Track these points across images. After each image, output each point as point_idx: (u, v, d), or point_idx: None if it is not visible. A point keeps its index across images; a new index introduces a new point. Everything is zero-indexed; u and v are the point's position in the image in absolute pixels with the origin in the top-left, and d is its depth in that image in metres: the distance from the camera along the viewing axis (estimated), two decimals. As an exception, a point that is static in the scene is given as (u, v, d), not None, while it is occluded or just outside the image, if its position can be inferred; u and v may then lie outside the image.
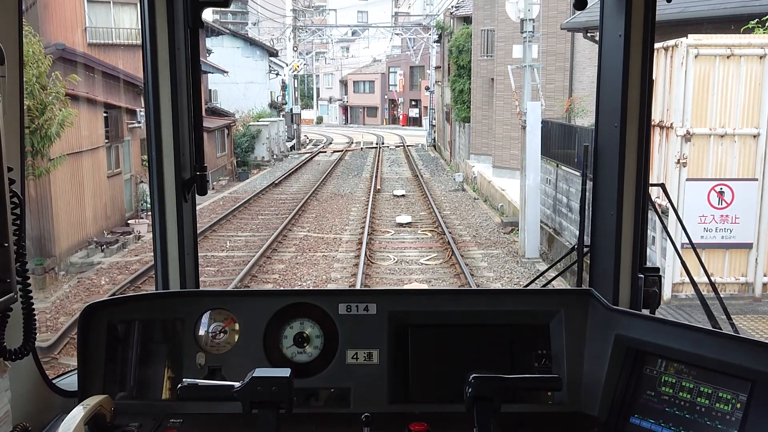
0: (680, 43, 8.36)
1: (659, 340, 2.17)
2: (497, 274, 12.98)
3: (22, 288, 1.79)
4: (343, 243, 15.91)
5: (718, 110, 8.41)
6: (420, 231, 17.25)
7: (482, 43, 26.75)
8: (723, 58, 8.35)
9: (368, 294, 2.49)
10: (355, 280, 12.37)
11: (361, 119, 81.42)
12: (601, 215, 2.58)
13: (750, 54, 8.33)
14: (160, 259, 2.59)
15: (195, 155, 2.60)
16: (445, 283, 12.42)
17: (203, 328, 2.36)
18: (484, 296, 2.59)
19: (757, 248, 8.67)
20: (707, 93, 8.35)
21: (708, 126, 8.45)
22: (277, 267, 13.75)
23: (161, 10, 2.45)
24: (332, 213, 19.95)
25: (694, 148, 8.40)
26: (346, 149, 43.53)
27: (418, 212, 19.95)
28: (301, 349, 2.34)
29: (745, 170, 8.42)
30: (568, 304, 2.39)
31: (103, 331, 2.31)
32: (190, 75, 2.57)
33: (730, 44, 8.38)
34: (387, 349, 2.34)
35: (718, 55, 8.37)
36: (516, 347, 2.35)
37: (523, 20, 13.91)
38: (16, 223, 1.73)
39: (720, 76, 8.31)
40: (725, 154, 8.43)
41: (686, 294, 8.56)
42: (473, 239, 16.21)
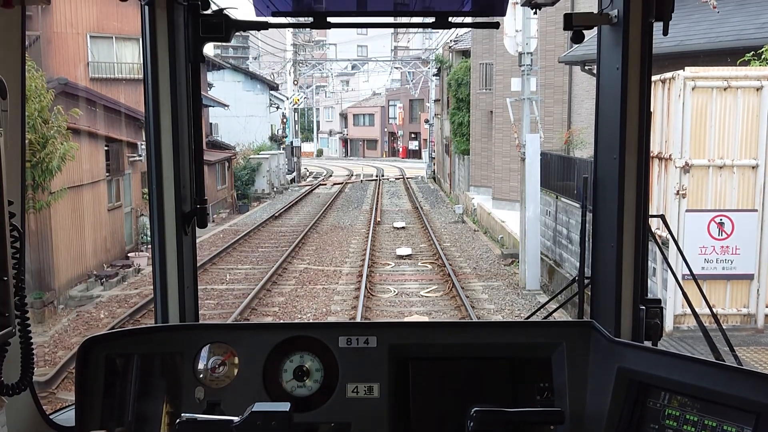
0: (677, 76, 8.44)
1: (662, 372, 2.15)
2: (498, 306, 12.93)
3: (20, 322, 1.77)
4: (343, 275, 15.87)
5: (716, 141, 8.45)
6: (420, 263, 17.22)
7: (481, 77, 26.98)
8: (720, 90, 8.42)
9: (369, 327, 2.45)
10: (356, 312, 12.31)
11: (361, 152, 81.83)
12: (601, 247, 2.57)
13: (746, 86, 8.40)
14: (160, 292, 2.58)
15: (195, 188, 2.61)
16: (446, 316, 12.36)
17: (202, 362, 2.34)
18: (485, 328, 2.56)
19: (758, 279, 8.64)
20: (705, 124, 8.40)
21: (707, 157, 8.48)
22: (277, 300, 13.69)
23: (163, 45, 2.47)
24: (332, 245, 19.94)
25: (693, 180, 8.42)
26: (346, 182, 43.66)
27: (418, 244, 19.93)
28: (300, 383, 2.32)
29: (745, 201, 8.43)
30: (570, 337, 2.37)
31: (101, 366, 2.28)
32: (191, 109, 2.59)
33: (726, 76, 8.45)
34: (388, 382, 2.31)
35: (715, 87, 8.43)
36: (518, 380, 2.34)
37: (521, 54, 14.06)
38: (16, 257, 1.73)
39: (717, 107, 8.36)
40: (724, 185, 8.45)
41: (688, 325, 8.51)
42: (473, 271, 16.18)
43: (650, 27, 2.45)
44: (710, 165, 8.52)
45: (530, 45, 14.00)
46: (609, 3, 2.50)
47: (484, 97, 26.63)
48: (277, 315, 12.62)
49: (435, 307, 12.97)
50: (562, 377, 2.32)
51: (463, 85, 30.04)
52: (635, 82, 2.42)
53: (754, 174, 8.48)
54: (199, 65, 2.59)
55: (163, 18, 2.46)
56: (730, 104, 8.35)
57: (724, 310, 8.70)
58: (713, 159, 8.50)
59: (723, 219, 8.22)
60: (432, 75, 45.72)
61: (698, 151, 8.42)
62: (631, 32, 2.41)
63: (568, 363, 2.33)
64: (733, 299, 8.67)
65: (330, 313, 12.67)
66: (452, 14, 2.58)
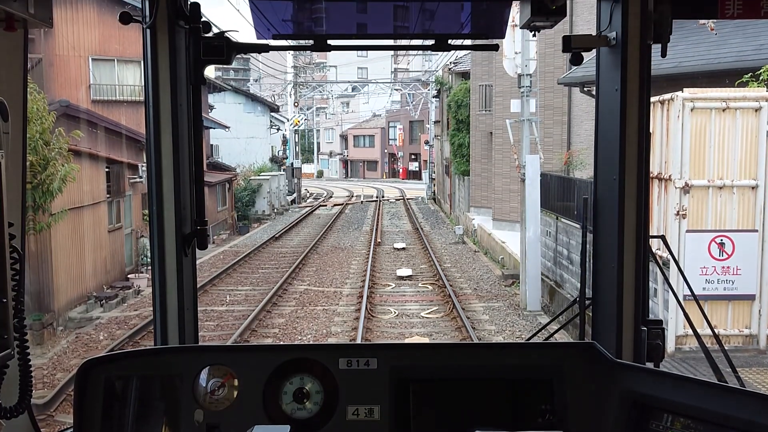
0: (676, 97, 8.47)
1: (665, 394, 2.13)
2: (499, 328, 12.87)
3: (19, 344, 1.76)
4: (344, 296, 15.82)
5: (715, 162, 8.46)
6: (421, 284, 17.17)
7: (480, 98, 27.09)
8: (719, 111, 8.45)
9: (369, 348, 2.44)
10: (356, 334, 12.25)
11: (361, 173, 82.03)
12: (602, 268, 2.57)
13: (745, 107, 8.43)
14: (160, 313, 2.57)
15: (195, 210, 2.62)
16: (447, 337, 12.30)
17: (202, 384, 2.31)
18: (486, 350, 2.55)
19: (759, 300, 8.61)
20: (704, 145, 8.42)
21: (706, 178, 8.49)
22: (277, 321, 13.64)
23: (164, 67, 2.49)
24: (332, 266, 19.90)
25: (693, 200, 8.42)
26: (346, 203, 43.68)
27: (419, 265, 19.90)
28: (300, 405, 2.30)
29: (745, 221, 8.42)
30: (571, 358, 2.35)
31: (100, 388, 2.26)
32: (192, 130, 2.60)
33: (725, 97, 8.48)
34: (388, 404, 2.29)
35: (713, 108, 8.46)
36: (519, 402, 2.32)
37: (521, 75, 14.13)
38: (15, 279, 1.72)
39: (716, 128, 8.39)
40: (724, 205, 8.45)
41: (690, 346, 8.46)
42: (474, 292, 16.13)
43: (648, 49, 2.47)
44: (710, 185, 8.53)
45: (529, 67, 14.08)
46: (607, 25, 2.53)
47: (483, 119, 26.72)
48: (278, 337, 12.56)
49: (436, 329, 12.92)
50: (564, 399, 2.30)
51: (463, 106, 30.17)
52: (634, 103, 2.43)
53: (753, 194, 8.48)
54: (200, 87, 2.60)
55: (165, 41, 2.48)
56: (728, 125, 8.38)
57: (726, 330, 8.65)
58: (713, 179, 8.51)
59: (723, 239, 8.21)
60: (432, 97, 45.99)
61: (698, 171, 8.44)
62: (629, 54, 2.43)
63: (569, 385, 2.31)
64: (735, 320, 8.63)
65: (330, 335, 12.62)
66: (452, 37, 2.60)
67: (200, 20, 2.52)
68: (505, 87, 22.09)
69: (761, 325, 8.70)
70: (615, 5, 2.51)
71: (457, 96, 31.30)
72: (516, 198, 18.44)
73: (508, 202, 23.15)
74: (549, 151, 19.06)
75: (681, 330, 8.46)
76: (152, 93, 2.52)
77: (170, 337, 2.58)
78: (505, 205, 23.61)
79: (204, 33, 2.52)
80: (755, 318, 8.72)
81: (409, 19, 2.79)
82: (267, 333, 12.80)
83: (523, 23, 2.48)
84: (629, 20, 2.44)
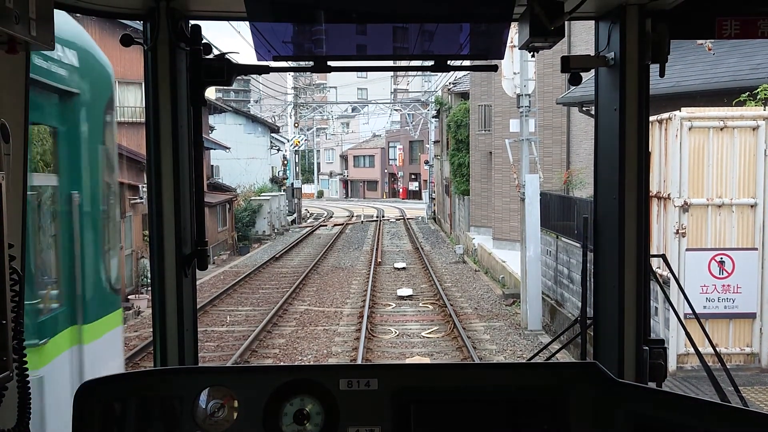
0: (674, 116, 8.52)
1: (667, 414, 2.12)
2: (500, 347, 12.83)
3: (18, 366, 1.76)
4: (344, 317, 15.78)
5: (714, 181, 8.50)
6: (421, 303, 17.14)
7: (480, 118, 27.25)
8: (717, 130, 8.50)
9: (369, 369, 2.42)
10: (357, 354, 12.21)
11: (361, 193, 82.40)
12: (603, 287, 2.57)
13: (743, 125, 8.49)
14: (159, 334, 2.57)
15: (196, 231, 2.63)
16: (448, 357, 12.26)
17: (201, 406, 2.30)
18: (487, 370, 2.53)
19: (761, 318, 8.61)
20: (703, 164, 8.46)
21: (705, 196, 8.52)
22: (278, 342, 13.60)
23: (165, 88, 2.52)
24: (333, 286, 19.87)
25: (693, 219, 8.43)
26: (346, 222, 43.75)
27: (419, 285, 19.87)
28: (301, 427, 2.29)
29: (744, 240, 8.44)
30: (573, 378, 2.34)
31: (98, 410, 2.25)
32: (192, 151, 2.62)
33: (722, 116, 8.54)
34: (389, 425, 2.28)
35: (711, 128, 8.52)
36: (521, 423, 2.30)
37: (519, 96, 14.21)
38: (15, 300, 1.72)
39: (714, 147, 8.44)
40: (723, 223, 8.47)
41: (692, 365, 8.43)
42: (475, 311, 16.09)
43: (647, 68, 2.49)
44: (709, 204, 8.56)
45: (528, 87, 14.17)
46: (606, 45, 2.56)
47: (483, 138, 26.84)
48: (278, 357, 12.51)
49: (436, 348, 12.87)
50: (566, 420, 2.28)
51: (462, 126, 30.35)
52: (633, 122, 2.45)
53: (753, 212, 8.51)
54: (200, 108, 2.63)
55: (166, 63, 2.51)
56: (726, 144, 8.43)
57: (727, 349, 8.63)
58: (712, 198, 8.54)
59: (723, 258, 8.21)
60: (431, 117, 46.21)
61: (696, 190, 8.47)
62: (627, 74, 2.45)
63: (571, 405, 2.29)
64: (736, 338, 8.61)
65: (331, 355, 12.58)
66: (451, 57, 2.62)
67: (201, 42, 2.54)
68: (505, 107, 22.22)
69: (762, 343, 8.69)
70: (613, 26, 2.53)
71: (456, 116, 31.48)
72: (516, 217, 18.47)
73: (509, 221, 23.18)
74: (548, 170, 19.12)
75: (682, 349, 8.44)
76: (153, 114, 2.53)
77: (170, 358, 2.57)
78: (505, 225, 23.64)
79: (204, 55, 2.54)
80: (756, 336, 8.71)
81: (409, 40, 2.80)
82: (267, 354, 12.75)
83: (521, 44, 2.49)
84: (627, 40, 2.46)
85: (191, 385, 2.32)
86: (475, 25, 2.75)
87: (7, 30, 1.65)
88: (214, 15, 2.71)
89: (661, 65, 2.47)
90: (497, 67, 2.44)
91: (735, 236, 8.47)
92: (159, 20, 2.49)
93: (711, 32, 2.50)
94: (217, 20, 2.83)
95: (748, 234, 8.37)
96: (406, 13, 2.66)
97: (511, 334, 13.80)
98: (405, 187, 76.32)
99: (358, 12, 2.59)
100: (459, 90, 33.65)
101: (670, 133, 8.59)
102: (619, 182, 2.47)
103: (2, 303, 1.65)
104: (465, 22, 2.72)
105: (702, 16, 2.50)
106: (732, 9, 2.48)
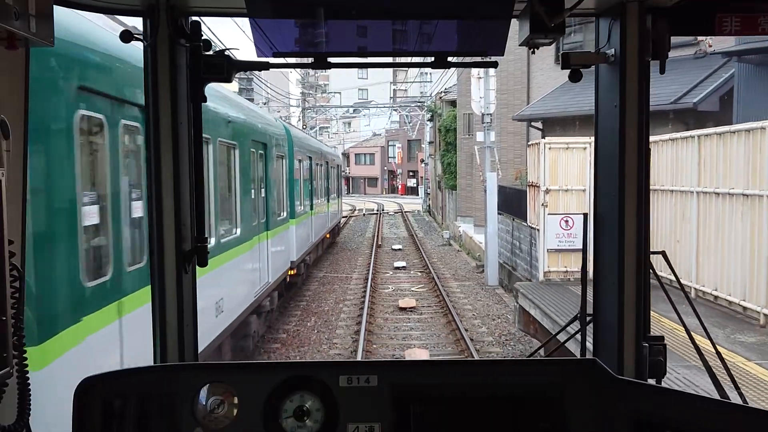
0: (540, 142, 14.15)
1: (667, 411, 2.10)
2: (465, 295, 17.88)
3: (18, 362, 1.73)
4: (354, 279, 20.82)
5: (562, 176, 13.82)
6: (412, 272, 22.19)
7: (464, 125, 31.91)
8: (564, 149, 13.95)
9: (369, 366, 2.40)
10: (364, 300, 17.13)
11: (362, 189, 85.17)
12: (603, 284, 2.60)
13: (578, 146, 13.81)
14: (159, 331, 2.54)
15: (196, 227, 2.59)
16: (429, 303, 17.24)
17: (201, 402, 2.26)
18: (487, 367, 2.52)
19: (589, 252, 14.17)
20: (557, 167, 13.78)
21: (558, 185, 13.89)
22: (306, 294, 18.61)
23: (165, 85, 2.49)
24: (343, 261, 24.89)
25: (550, 197, 13.73)
26: (350, 215, 47.94)
27: (412, 260, 24.91)
28: (300, 424, 2.25)
29: (579, 208, 13.58)
30: (573, 375, 2.30)
31: (98, 407, 2.20)
32: (192, 148, 2.58)
33: (567, 142, 14.09)
34: (389, 422, 2.26)
35: (561, 148, 13.97)
36: (520, 420, 2.27)
37: (483, 114, 19.27)
38: (15, 297, 1.70)
39: (563, 158, 13.79)
40: (568, 200, 13.83)
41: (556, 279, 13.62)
42: (452, 276, 21.16)
43: (647, 65, 2.48)
44: (559, 189, 13.94)
45: (490, 108, 19.22)
46: (606, 42, 2.54)
47: (467, 142, 31.50)
48: (309, 301, 17.52)
49: (422, 297, 17.89)
50: (565, 417, 2.26)
51: (451, 131, 34.88)
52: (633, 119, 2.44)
53: (584, 195, 13.77)
54: (200, 105, 2.58)
55: (165, 59, 2.49)
56: (569, 156, 13.77)
57: (571, 268, 13.66)
58: (561, 186, 13.92)
59: (567, 219, 13.33)
60: (427, 120, 50.39)
61: (553, 181, 13.81)
62: (628, 71, 2.44)
63: (571, 402, 2.26)
64: (575, 263, 13.56)
65: (345, 300, 17.57)
66: (451, 54, 2.59)
67: (200, 38, 2.52)
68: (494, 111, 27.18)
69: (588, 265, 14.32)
70: (613, 23, 2.50)
71: (446, 122, 36.04)
72: (488, 206, 23.45)
73: (486, 210, 28.23)
74: (505, 169, 24.08)
75: (548, 268, 13.74)
76: (153, 110, 2.49)
77: (170, 354, 2.54)
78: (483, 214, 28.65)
79: (204, 51, 2.51)
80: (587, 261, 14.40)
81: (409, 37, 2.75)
82: (301, 298, 17.68)
83: (522, 40, 2.41)
84: (628, 37, 2.44)
85: (191, 381, 2.29)
86: (476, 21, 2.68)
87: (6, 26, 1.63)
88: (214, 11, 2.71)
89: (661, 62, 2.45)
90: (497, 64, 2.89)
91: (573, 207, 13.67)
92: (159, 17, 2.45)
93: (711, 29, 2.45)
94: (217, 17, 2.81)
95: (580, 206, 13.55)
96: (407, 10, 2.61)
97: (475, 288, 18.87)
98: (404, 184, 78.75)
99: (358, 8, 2.52)
100: (449, 98, 37.89)
101: (539, 151, 14.06)
102: (618, 179, 2.44)
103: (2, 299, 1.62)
104: (465, 19, 2.66)
105: (702, 12, 2.45)
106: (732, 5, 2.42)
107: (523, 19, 2.36)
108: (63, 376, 4.56)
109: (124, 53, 5.83)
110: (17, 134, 1.82)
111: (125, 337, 5.76)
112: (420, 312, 15.96)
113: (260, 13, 2.46)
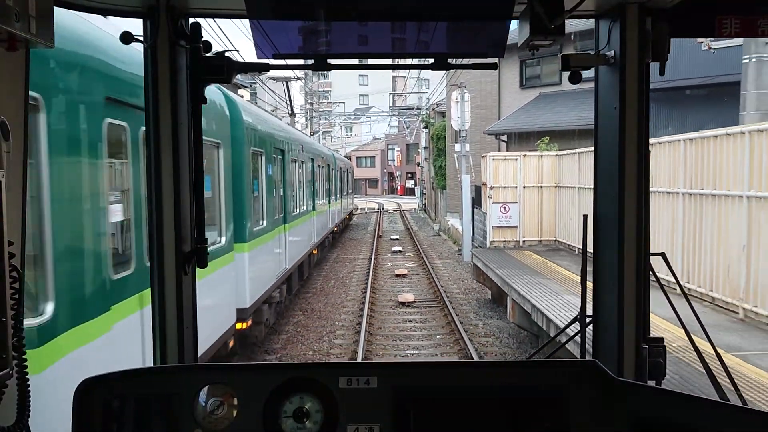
0: (488, 155, 20.03)
1: (667, 412, 2.10)
2: (445, 268, 23.40)
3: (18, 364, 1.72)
4: (359, 259, 26.37)
5: (502, 177, 19.50)
6: (406, 254, 27.75)
7: (452, 134, 36.90)
8: (503, 160, 19.70)
9: (369, 367, 2.36)
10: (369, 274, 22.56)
11: (363, 190, 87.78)
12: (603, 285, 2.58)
13: (511, 158, 19.53)
14: (159, 332, 2.55)
15: (196, 228, 2.59)
16: (417, 273, 22.69)
17: (201, 404, 2.25)
18: (487, 369, 2.48)
19: (520, 227, 19.60)
20: (499, 172, 19.48)
21: (499, 183, 19.58)
22: (322, 273, 24.10)
23: (165, 86, 2.49)
24: (349, 248, 30.43)
25: (494, 191, 19.45)
26: (354, 212, 52.74)
27: (406, 246, 30.46)
28: (300, 425, 2.25)
29: (513, 199, 19.17)
30: (573, 377, 2.28)
31: (98, 409, 2.19)
32: (192, 149, 2.58)
33: (504, 155, 20.16)
34: (389, 423, 2.25)
35: (501, 159, 19.74)
36: (520, 421, 2.26)
37: (460, 130, 24.85)
38: (15, 297, 1.69)
39: (502, 166, 19.51)
40: (506, 193, 19.50)
41: (497, 246, 19.29)
42: (438, 257, 26.73)
43: (647, 67, 2.48)
44: (500, 186, 19.59)
45: (465, 125, 24.80)
46: (606, 44, 2.54)
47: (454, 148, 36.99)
48: (327, 273, 23.02)
49: (413, 269, 23.38)
50: (565, 418, 2.25)
51: (442, 138, 40.06)
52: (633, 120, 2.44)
53: (516, 190, 19.36)
54: (200, 106, 2.58)
55: (166, 60, 2.50)
56: (506, 165, 19.48)
57: (506, 239, 19.43)
58: (501, 184, 19.57)
59: (506, 206, 19.02)
60: (422, 128, 55.31)
61: (496, 181, 19.54)
62: (628, 72, 2.44)
63: (571, 404, 2.25)
64: (510, 235, 19.25)
65: (354, 271, 23.04)
66: (451, 55, 2.61)
67: (201, 40, 2.52)
68: (465, 129, 32.68)
69: (519, 236, 19.57)
70: (613, 24, 2.50)
71: (437, 131, 41.38)
72: (467, 202, 29.01)
73: (469, 206, 33.75)
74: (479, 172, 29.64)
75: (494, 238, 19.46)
76: (153, 111, 2.49)
77: (169, 355, 2.55)
78: (467, 209, 34.18)
79: (204, 52, 2.52)
80: (519, 234, 19.67)
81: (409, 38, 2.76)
82: (321, 269, 23.11)
83: (522, 42, 2.41)
84: (627, 39, 2.44)
85: (191, 382, 2.28)
86: (475, 23, 2.70)
87: (6, 27, 1.63)
88: (214, 13, 2.69)
89: (661, 63, 2.44)
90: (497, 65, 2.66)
91: (509, 198, 19.28)
92: (159, 18, 2.46)
93: (711, 30, 2.45)
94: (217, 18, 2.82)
95: (514, 197, 19.15)
96: (407, 12, 2.61)
97: (453, 264, 24.43)
98: (402, 185, 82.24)
99: (359, 10, 2.53)
100: (441, 109, 43.06)
101: (488, 161, 19.80)
102: (618, 181, 2.43)
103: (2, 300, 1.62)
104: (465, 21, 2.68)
105: (702, 14, 2.44)
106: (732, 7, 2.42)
107: (523, 21, 2.39)
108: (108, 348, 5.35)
109: None
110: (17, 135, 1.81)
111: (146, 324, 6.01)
112: (410, 278, 21.49)
113: (260, 14, 2.46)
